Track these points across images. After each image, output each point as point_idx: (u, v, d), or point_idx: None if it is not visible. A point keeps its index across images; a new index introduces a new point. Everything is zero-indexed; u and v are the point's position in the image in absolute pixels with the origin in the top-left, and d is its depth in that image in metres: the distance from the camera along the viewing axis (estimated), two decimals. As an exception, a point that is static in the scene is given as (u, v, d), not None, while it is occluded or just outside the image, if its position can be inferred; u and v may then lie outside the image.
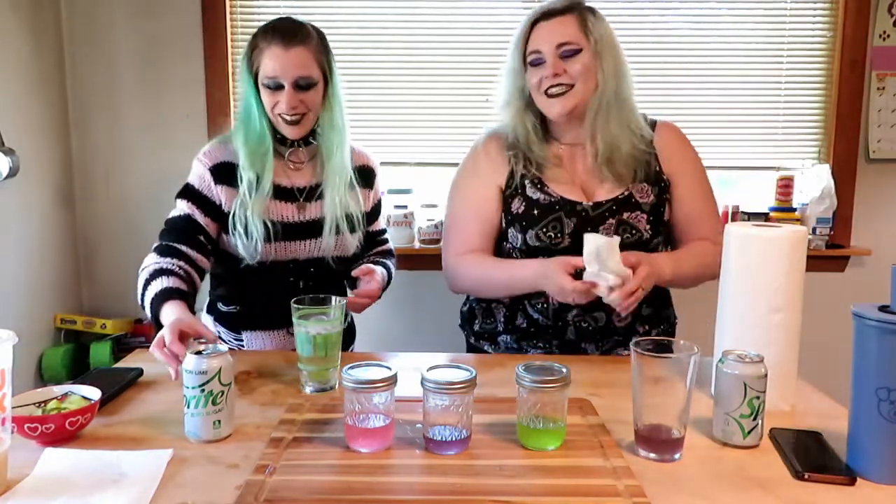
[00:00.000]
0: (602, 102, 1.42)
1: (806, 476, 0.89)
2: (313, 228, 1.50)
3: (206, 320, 1.60)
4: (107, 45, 2.44)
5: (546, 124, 1.51)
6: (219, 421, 0.99)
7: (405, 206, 2.42)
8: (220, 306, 1.58)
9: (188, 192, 1.47)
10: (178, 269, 1.36)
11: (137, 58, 2.45)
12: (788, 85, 2.51)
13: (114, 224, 2.53)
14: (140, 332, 2.51)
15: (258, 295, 1.53)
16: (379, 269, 1.52)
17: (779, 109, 2.51)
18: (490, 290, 1.51)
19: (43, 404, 1.02)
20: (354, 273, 1.48)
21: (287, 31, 1.43)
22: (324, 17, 2.48)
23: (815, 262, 2.49)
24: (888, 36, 2.43)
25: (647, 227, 1.43)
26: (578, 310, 1.43)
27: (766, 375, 0.97)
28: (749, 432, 0.97)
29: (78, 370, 2.35)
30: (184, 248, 1.41)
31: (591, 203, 1.44)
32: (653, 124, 1.51)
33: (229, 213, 1.45)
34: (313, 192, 1.52)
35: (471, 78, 2.49)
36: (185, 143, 2.52)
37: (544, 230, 1.43)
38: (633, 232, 1.42)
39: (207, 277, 1.58)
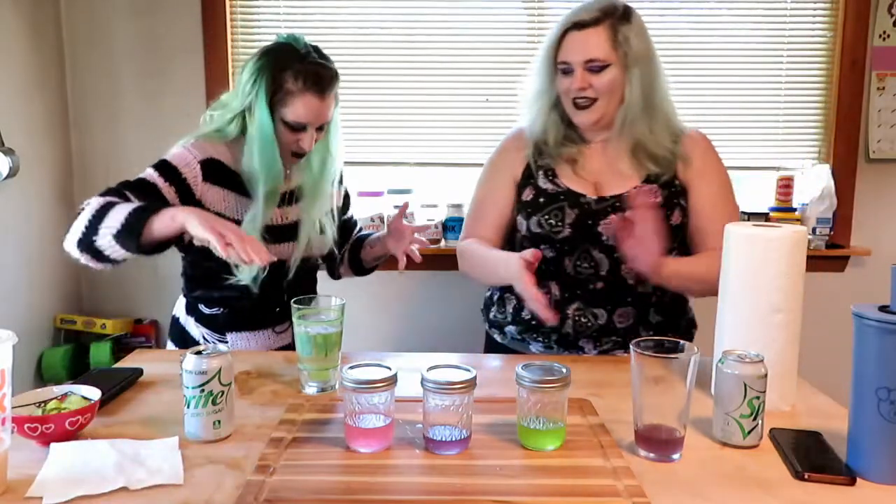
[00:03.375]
0: (629, 115, 1.42)
1: (806, 476, 0.89)
2: (293, 231, 1.51)
3: (188, 322, 1.54)
4: (107, 45, 2.44)
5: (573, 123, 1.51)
6: (219, 421, 0.99)
7: (405, 206, 2.42)
8: (203, 308, 1.53)
9: (167, 170, 1.38)
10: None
11: (137, 57, 2.46)
12: (788, 85, 2.51)
13: (114, 224, 2.53)
14: (140, 332, 2.52)
15: (244, 297, 1.47)
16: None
17: (779, 109, 2.52)
18: (480, 276, 1.53)
19: (43, 404, 1.02)
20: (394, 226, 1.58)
21: (325, 81, 1.40)
22: (324, 16, 2.48)
23: (815, 262, 2.49)
24: (888, 36, 2.43)
25: None
26: (580, 303, 1.44)
27: (766, 375, 0.97)
28: (749, 432, 0.97)
29: (78, 370, 2.36)
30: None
31: (595, 197, 1.45)
32: (682, 132, 1.50)
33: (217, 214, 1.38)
34: (292, 196, 1.52)
35: (471, 78, 2.49)
36: (185, 143, 2.52)
37: (546, 217, 1.45)
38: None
39: (182, 280, 1.57)
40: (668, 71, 1.60)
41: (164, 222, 1.21)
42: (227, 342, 1.52)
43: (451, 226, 2.44)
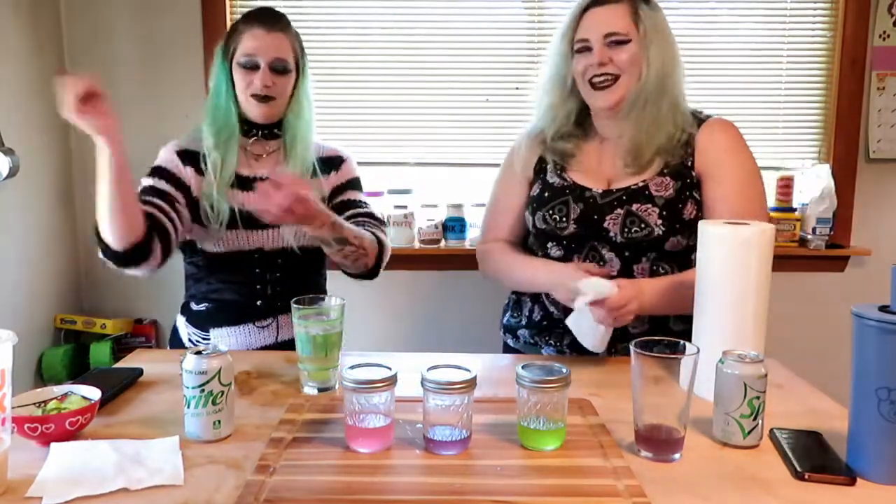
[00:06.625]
0: (641, 94, 1.37)
1: (806, 476, 0.89)
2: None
3: (179, 321, 1.60)
4: (107, 45, 2.44)
5: (586, 113, 1.48)
6: (219, 421, 0.99)
7: (405, 207, 2.42)
8: (192, 305, 1.58)
9: (155, 171, 1.51)
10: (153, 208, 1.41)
11: (137, 58, 2.46)
12: (788, 85, 2.51)
13: (114, 224, 2.53)
14: (140, 332, 2.52)
15: (226, 289, 1.54)
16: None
17: (779, 109, 2.52)
18: (513, 284, 1.53)
19: (43, 404, 1.02)
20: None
21: (269, 17, 1.50)
22: (322, 16, 2.48)
23: (815, 262, 2.50)
24: (888, 36, 2.43)
25: (659, 221, 1.36)
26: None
27: (766, 375, 0.97)
28: (749, 432, 0.97)
29: (78, 370, 2.36)
30: (154, 199, 1.43)
31: (601, 190, 1.41)
32: (703, 120, 1.44)
33: (197, 198, 1.49)
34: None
35: (471, 78, 2.49)
36: (185, 143, 2.52)
37: (550, 213, 1.43)
38: (642, 226, 1.36)
39: (183, 280, 1.60)
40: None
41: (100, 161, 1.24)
42: (209, 339, 1.54)
43: (451, 226, 2.44)
